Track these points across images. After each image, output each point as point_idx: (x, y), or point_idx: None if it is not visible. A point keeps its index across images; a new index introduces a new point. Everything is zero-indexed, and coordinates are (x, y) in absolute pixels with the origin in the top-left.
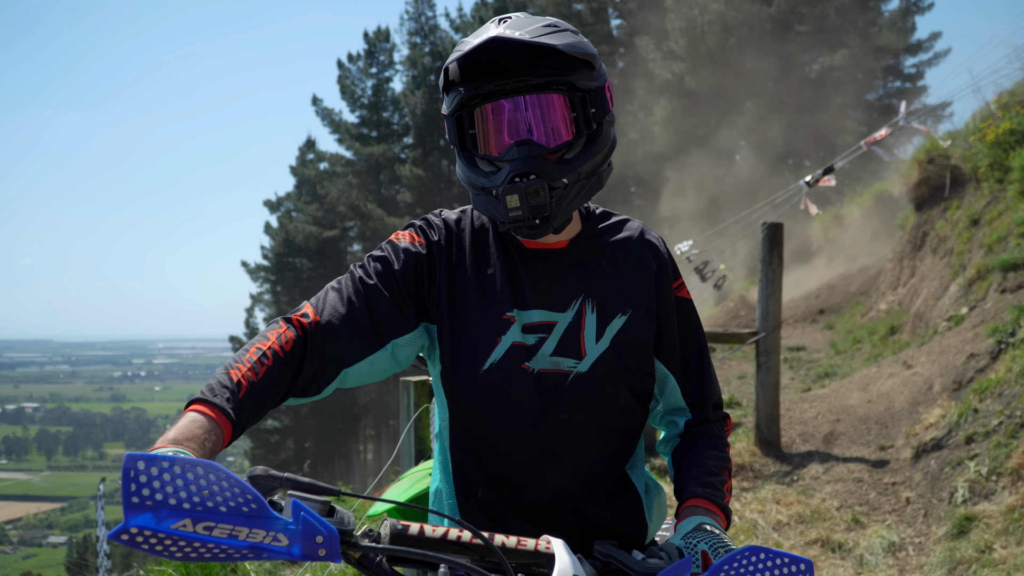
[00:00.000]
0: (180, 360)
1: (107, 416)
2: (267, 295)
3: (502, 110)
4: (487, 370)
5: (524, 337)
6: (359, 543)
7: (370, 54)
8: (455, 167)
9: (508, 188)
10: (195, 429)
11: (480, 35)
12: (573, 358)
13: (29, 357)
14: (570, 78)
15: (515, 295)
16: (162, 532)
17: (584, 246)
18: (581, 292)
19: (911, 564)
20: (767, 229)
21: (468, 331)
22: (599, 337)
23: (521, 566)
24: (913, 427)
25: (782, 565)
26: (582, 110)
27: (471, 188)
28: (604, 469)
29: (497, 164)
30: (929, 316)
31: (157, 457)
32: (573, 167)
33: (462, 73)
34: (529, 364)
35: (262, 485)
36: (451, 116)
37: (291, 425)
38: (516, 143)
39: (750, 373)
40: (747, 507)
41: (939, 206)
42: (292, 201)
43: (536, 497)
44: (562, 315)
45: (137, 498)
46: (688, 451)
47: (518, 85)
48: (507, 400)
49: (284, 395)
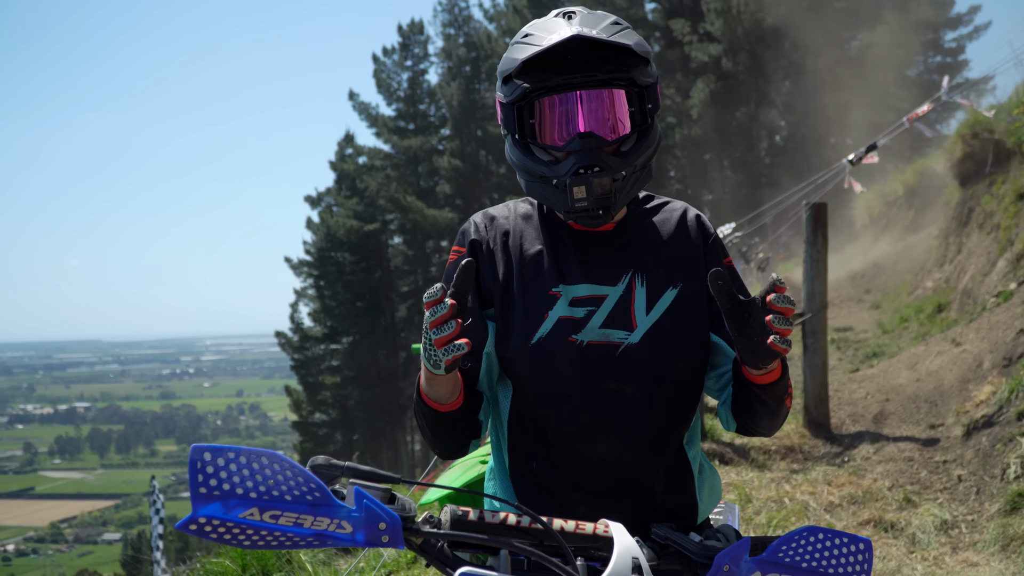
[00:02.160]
0: (228, 356)
1: (157, 414)
2: (311, 290)
3: (566, 102)
4: (536, 344)
5: (572, 311)
6: (421, 529)
7: (404, 47)
8: (491, 156)
9: (575, 180)
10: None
11: (553, 31)
12: (624, 330)
13: (79, 358)
14: (631, 74)
15: (561, 272)
16: (230, 521)
17: (631, 226)
18: (631, 267)
19: (964, 542)
20: (811, 209)
21: (517, 308)
22: (649, 310)
23: (580, 550)
24: (963, 405)
25: (841, 545)
26: (639, 105)
27: (526, 175)
28: (656, 440)
29: (555, 154)
30: (977, 292)
31: (223, 448)
32: (631, 160)
33: (528, 64)
34: (577, 336)
35: (324, 474)
36: (511, 105)
37: (338, 418)
38: (579, 135)
39: (797, 355)
40: (798, 489)
41: (984, 181)
42: (332, 196)
43: (586, 467)
44: (612, 288)
45: (204, 488)
46: None
47: (585, 80)
48: (555, 372)
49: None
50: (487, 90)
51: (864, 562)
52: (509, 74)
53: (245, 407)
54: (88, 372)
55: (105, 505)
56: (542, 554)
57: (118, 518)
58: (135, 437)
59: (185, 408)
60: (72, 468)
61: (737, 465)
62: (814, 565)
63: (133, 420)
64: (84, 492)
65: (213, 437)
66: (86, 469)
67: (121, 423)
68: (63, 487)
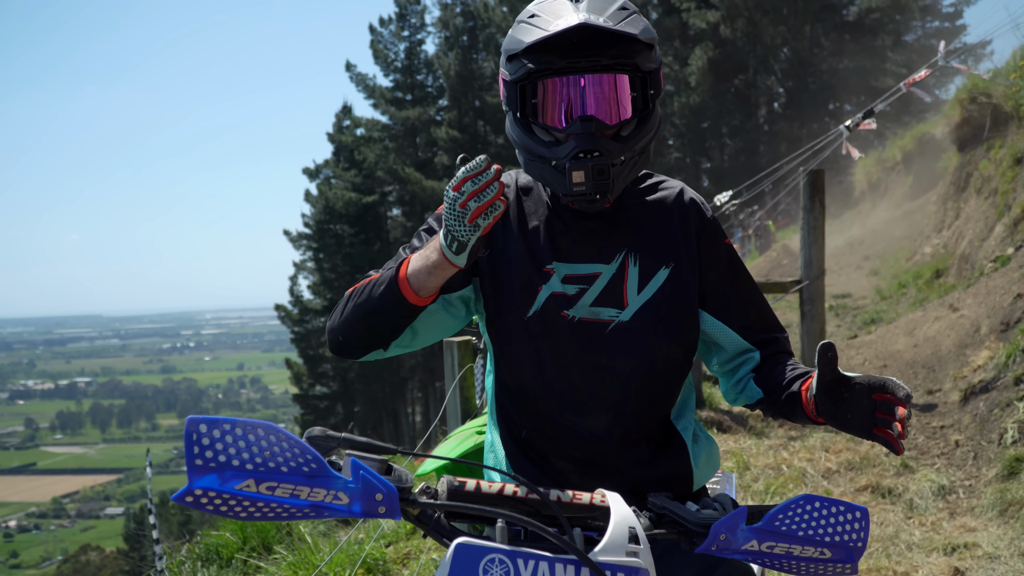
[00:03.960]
0: (228, 330)
1: (158, 388)
2: (310, 263)
3: (569, 85)
4: (529, 318)
5: (564, 287)
6: (417, 500)
7: (401, 17)
8: (489, 126)
9: (574, 164)
10: None
11: (560, 15)
12: (615, 307)
13: (79, 332)
14: (635, 60)
15: (555, 248)
16: (226, 493)
17: (627, 205)
18: (624, 246)
19: (961, 507)
20: (808, 176)
21: (511, 281)
22: (641, 288)
23: (577, 520)
24: (961, 370)
25: (837, 513)
26: (641, 90)
27: (526, 153)
28: (644, 415)
29: (555, 135)
30: (975, 258)
31: (218, 420)
32: (630, 145)
33: (535, 45)
34: (569, 312)
35: (320, 445)
36: (514, 83)
37: (339, 390)
38: (581, 118)
39: (795, 322)
40: (795, 456)
41: (982, 146)
42: (331, 168)
43: (575, 437)
44: (605, 267)
45: (200, 460)
46: (777, 364)
47: (589, 64)
48: (547, 346)
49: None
50: (485, 60)
51: (861, 530)
52: (514, 53)
53: (246, 380)
54: (88, 347)
55: (107, 480)
56: (538, 524)
57: (120, 492)
58: (136, 411)
59: (186, 382)
60: (73, 443)
61: (735, 433)
62: (810, 533)
63: (134, 394)
64: (86, 467)
65: (214, 410)
66: (87, 444)
67: (122, 397)
68: (65, 462)
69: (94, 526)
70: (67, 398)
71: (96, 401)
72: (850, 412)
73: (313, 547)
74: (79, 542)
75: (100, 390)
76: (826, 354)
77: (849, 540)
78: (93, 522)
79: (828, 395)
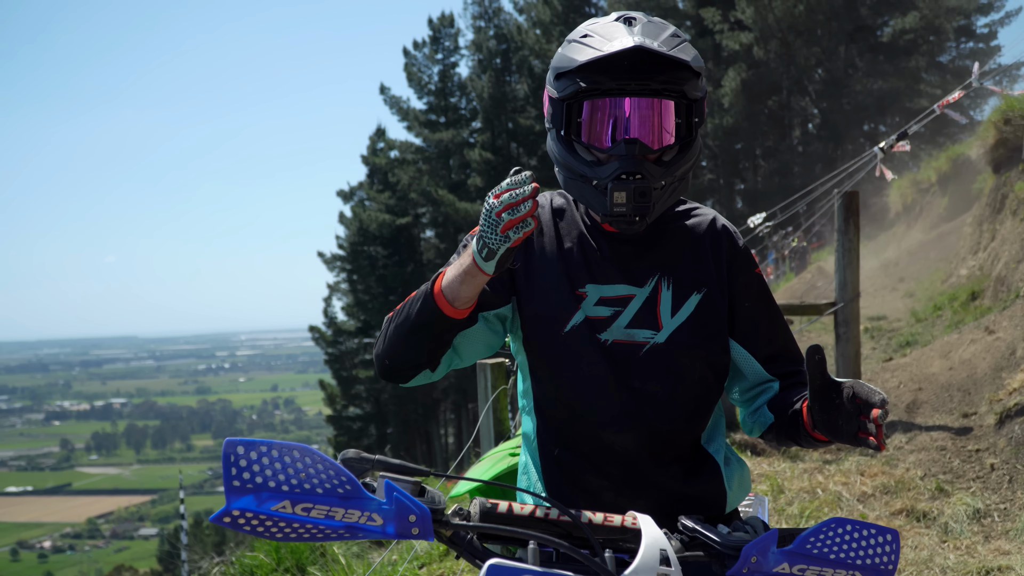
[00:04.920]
0: (263, 351)
1: (193, 409)
2: (344, 284)
3: (617, 106)
4: (562, 339)
5: (598, 310)
6: (450, 521)
7: (435, 40)
8: (522, 148)
9: (617, 184)
10: None
11: (614, 37)
12: (650, 329)
13: (115, 354)
14: (683, 87)
15: (591, 270)
16: (263, 514)
17: (661, 229)
18: (658, 270)
19: (996, 530)
20: (842, 198)
21: (547, 302)
22: (675, 312)
23: (608, 542)
24: (996, 393)
25: (868, 536)
26: (686, 118)
27: (566, 171)
28: (677, 437)
29: (598, 155)
30: (1011, 280)
31: (255, 442)
32: (672, 171)
33: (588, 65)
34: (602, 336)
35: (355, 467)
36: (561, 101)
37: (372, 412)
38: (626, 140)
39: (830, 344)
40: (830, 479)
41: (1017, 167)
42: (365, 190)
43: (611, 454)
44: (640, 289)
45: (238, 481)
46: (792, 391)
47: (638, 88)
48: (580, 368)
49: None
50: (517, 82)
51: (892, 553)
52: (564, 71)
53: (280, 401)
54: (124, 368)
55: (141, 500)
56: (570, 546)
57: (154, 513)
58: (171, 432)
59: (221, 403)
60: (109, 464)
61: (769, 456)
62: (842, 557)
63: (169, 415)
64: (121, 488)
65: (248, 431)
66: (122, 465)
67: (157, 418)
68: (100, 483)
69: (128, 547)
70: (102, 419)
71: (131, 422)
72: (841, 419)
73: (347, 568)
74: (113, 563)
75: (135, 411)
76: (814, 357)
77: (880, 563)
78: (127, 543)
79: (821, 401)
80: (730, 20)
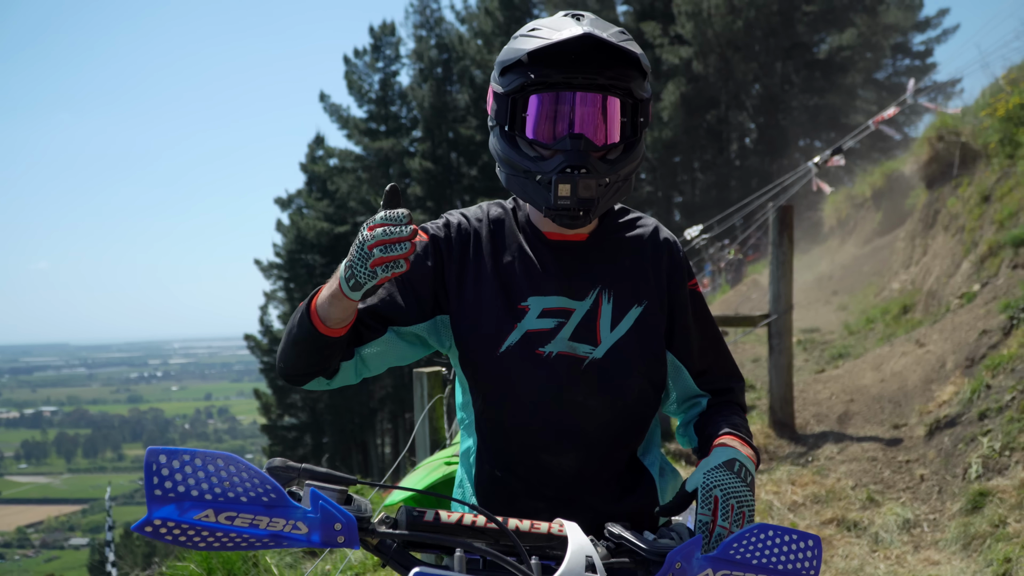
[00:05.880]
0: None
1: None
2: (280, 292)
3: (562, 101)
4: (503, 354)
5: (541, 323)
6: (376, 529)
7: (376, 48)
8: (463, 158)
9: (562, 177)
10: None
11: (563, 28)
12: (589, 344)
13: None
14: (630, 85)
15: (532, 282)
16: (185, 523)
17: (602, 240)
18: (599, 283)
19: (926, 540)
20: (777, 212)
21: (485, 317)
22: (614, 326)
23: (535, 549)
24: (926, 405)
25: (791, 541)
26: (632, 117)
27: (508, 168)
28: (615, 452)
29: (542, 151)
30: (941, 294)
31: (178, 451)
32: (616, 168)
33: (533, 58)
34: (544, 349)
35: (280, 476)
36: (506, 96)
37: (308, 421)
38: (571, 135)
39: (763, 356)
40: (762, 488)
41: (950, 183)
42: (303, 198)
43: (548, 476)
44: (579, 303)
45: (160, 490)
46: (714, 415)
47: (585, 82)
48: (523, 383)
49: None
50: (459, 92)
51: (813, 558)
52: (509, 64)
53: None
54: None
55: (72, 510)
56: (497, 553)
57: (85, 523)
58: (102, 441)
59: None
60: (38, 473)
61: None
62: (764, 562)
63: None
64: (51, 497)
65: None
66: (52, 474)
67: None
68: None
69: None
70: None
71: (62, 430)
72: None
73: None
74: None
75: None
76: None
77: (802, 568)
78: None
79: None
80: (670, 35)
